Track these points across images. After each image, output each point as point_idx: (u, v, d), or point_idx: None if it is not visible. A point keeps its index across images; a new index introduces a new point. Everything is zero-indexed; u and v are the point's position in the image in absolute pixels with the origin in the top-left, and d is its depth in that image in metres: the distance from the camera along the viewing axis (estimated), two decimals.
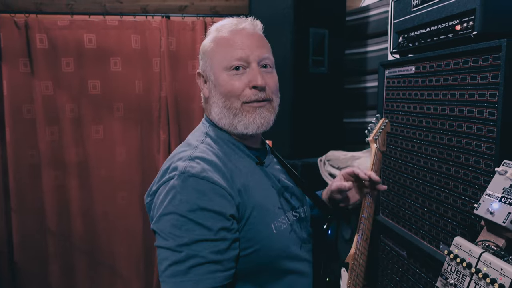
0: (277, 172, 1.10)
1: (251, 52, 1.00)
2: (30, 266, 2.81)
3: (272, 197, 1.02)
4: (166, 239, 0.86)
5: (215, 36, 1.04)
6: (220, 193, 0.88)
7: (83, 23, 2.69)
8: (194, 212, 0.85)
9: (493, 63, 1.08)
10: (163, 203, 0.89)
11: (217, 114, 1.03)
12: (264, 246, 0.95)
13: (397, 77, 1.58)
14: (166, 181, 0.92)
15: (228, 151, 1.01)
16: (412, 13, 1.45)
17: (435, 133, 1.35)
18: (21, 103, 2.70)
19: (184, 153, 0.96)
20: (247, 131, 1.00)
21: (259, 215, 0.94)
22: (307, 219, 1.15)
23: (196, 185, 0.87)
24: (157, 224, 0.89)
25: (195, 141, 1.01)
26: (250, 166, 1.02)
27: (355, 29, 2.62)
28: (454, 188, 1.26)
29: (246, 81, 0.99)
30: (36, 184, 2.77)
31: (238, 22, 1.04)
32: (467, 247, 0.96)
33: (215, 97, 1.03)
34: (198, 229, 0.85)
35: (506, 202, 0.93)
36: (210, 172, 0.90)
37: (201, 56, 1.08)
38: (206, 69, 1.05)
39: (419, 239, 1.46)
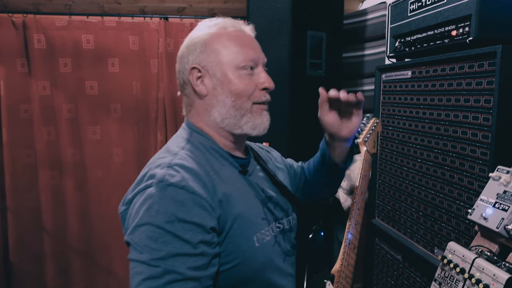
0: (261, 181, 1.05)
1: (259, 55, 1.00)
2: (26, 266, 2.80)
3: (255, 208, 0.97)
4: (141, 252, 0.79)
5: (221, 32, 0.98)
6: (200, 203, 0.83)
7: (81, 24, 2.68)
8: (172, 224, 0.79)
9: (488, 69, 1.08)
10: (138, 213, 0.82)
11: (222, 114, 0.97)
12: (246, 260, 0.90)
13: (393, 81, 1.58)
14: (143, 190, 0.86)
15: (210, 159, 0.96)
16: (408, 17, 1.45)
17: (430, 138, 1.35)
18: (18, 103, 2.69)
19: (163, 160, 0.90)
20: (252, 132, 0.98)
21: (240, 227, 0.90)
22: (292, 229, 1.09)
23: (175, 194, 0.81)
24: (132, 236, 0.82)
25: (175, 147, 0.96)
26: (233, 175, 0.97)
27: (352, 33, 2.63)
28: (449, 193, 1.27)
29: (255, 82, 0.98)
30: (32, 184, 2.75)
31: (241, 23, 1.03)
32: (460, 252, 0.96)
33: (222, 95, 0.97)
34: (175, 242, 0.79)
35: (500, 208, 0.93)
36: (190, 181, 0.84)
37: (196, 50, 0.98)
38: (208, 64, 0.97)
39: (414, 243, 1.47)
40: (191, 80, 0.99)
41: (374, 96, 1.70)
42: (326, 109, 1.08)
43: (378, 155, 1.71)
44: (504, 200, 0.93)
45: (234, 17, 3.16)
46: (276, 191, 1.08)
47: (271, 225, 0.99)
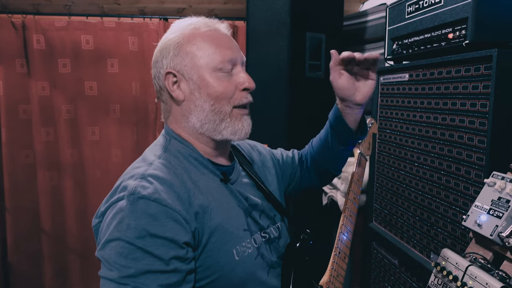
0: (245, 188, 1.00)
1: (238, 54, 0.95)
2: (24, 267, 2.80)
3: (236, 219, 0.92)
4: (110, 269, 0.76)
5: (195, 33, 0.93)
6: (173, 217, 0.79)
7: (80, 24, 2.69)
8: (142, 239, 0.75)
9: (485, 73, 1.06)
10: (109, 228, 0.79)
11: (200, 119, 0.93)
12: (224, 275, 0.86)
13: (391, 83, 1.57)
14: (115, 202, 0.82)
15: (189, 167, 0.91)
16: (406, 20, 1.44)
17: (427, 142, 1.33)
18: (17, 104, 2.70)
19: (137, 170, 0.86)
20: (232, 137, 0.94)
21: (218, 241, 0.85)
22: (281, 236, 1.05)
23: (147, 208, 0.77)
24: (102, 252, 0.78)
25: (151, 156, 0.92)
26: (213, 184, 0.92)
27: (353, 34, 2.61)
28: (445, 198, 1.25)
29: (235, 83, 0.93)
30: (31, 185, 2.76)
31: (215, 21, 0.97)
32: (454, 260, 0.94)
33: (200, 99, 0.92)
34: (146, 258, 0.75)
35: (494, 215, 0.91)
36: (163, 193, 0.80)
37: (170, 53, 0.94)
38: (184, 68, 0.93)
39: (411, 248, 1.45)
40: (167, 86, 0.94)
41: (372, 99, 1.69)
42: (339, 71, 1.05)
43: (376, 158, 1.69)
44: (498, 207, 0.91)
45: (234, 18, 3.16)
46: (262, 198, 1.04)
47: (254, 236, 0.94)
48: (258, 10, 2.38)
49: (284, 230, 1.07)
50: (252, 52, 2.46)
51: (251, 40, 2.46)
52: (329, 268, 0.96)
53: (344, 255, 1.01)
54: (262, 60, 2.37)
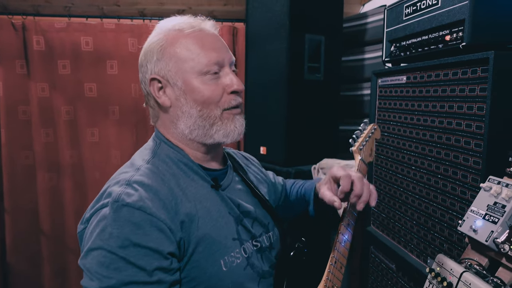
0: (237, 195, 0.97)
1: (225, 55, 0.91)
2: (23, 268, 2.80)
3: (226, 227, 0.88)
4: (92, 279, 0.73)
5: (178, 35, 0.89)
6: (158, 226, 0.76)
7: (80, 26, 2.68)
8: (125, 249, 0.73)
9: (481, 75, 1.05)
10: (92, 236, 0.76)
11: (188, 126, 0.90)
12: (211, 286, 0.83)
13: (389, 86, 1.55)
14: (99, 209, 0.79)
15: (178, 173, 0.88)
16: (404, 22, 1.42)
17: (424, 145, 1.32)
18: (16, 105, 2.70)
19: (124, 176, 0.83)
20: (225, 140, 0.91)
21: (205, 251, 0.82)
22: (273, 246, 1.01)
23: (130, 216, 0.75)
24: (84, 260, 0.76)
25: (139, 161, 0.89)
26: (203, 191, 0.89)
27: (352, 36, 2.60)
28: (442, 202, 1.23)
29: (223, 86, 0.90)
30: (30, 186, 2.76)
31: (201, 21, 0.94)
32: (448, 265, 0.93)
33: (186, 105, 0.89)
34: (129, 269, 0.73)
35: (489, 220, 0.90)
36: (148, 201, 0.77)
37: (154, 58, 0.90)
38: (168, 73, 0.89)
39: (408, 252, 1.43)
40: (152, 92, 0.91)
41: (370, 101, 1.67)
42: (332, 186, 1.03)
43: (374, 161, 1.68)
44: (494, 212, 0.90)
45: (234, 19, 3.14)
46: (256, 204, 1.01)
47: (244, 246, 0.91)
48: (257, 12, 2.37)
49: (277, 238, 1.04)
50: (251, 54, 2.45)
51: (250, 42, 2.46)
52: (324, 279, 0.92)
53: (341, 264, 0.96)
54: (261, 62, 2.36)
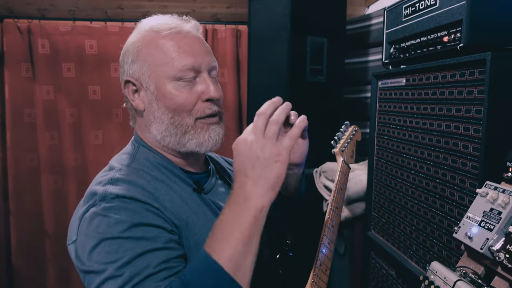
0: (220, 198, 0.94)
1: (202, 60, 0.87)
2: (28, 269, 2.82)
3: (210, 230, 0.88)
4: (102, 272, 0.69)
5: (154, 37, 0.87)
6: (153, 211, 0.75)
7: (84, 29, 2.71)
8: (129, 231, 0.71)
9: (479, 77, 1.02)
10: (88, 237, 0.72)
11: (161, 132, 0.87)
12: None
13: (389, 88, 1.52)
14: (86, 211, 0.77)
15: (159, 177, 0.86)
16: (403, 23, 1.39)
17: (423, 149, 1.29)
18: (22, 107, 2.73)
19: (104, 177, 0.82)
20: (199, 150, 0.88)
21: (196, 251, 0.79)
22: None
23: (124, 204, 0.73)
24: (89, 263, 0.71)
25: (117, 164, 0.87)
26: (185, 194, 0.87)
27: (356, 38, 2.57)
28: (440, 208, 1.20)
29: (198, 93, 0.87)
30: (35, 188, 2.78)
31: (180, 22, 0.90)
32: (442, 274, 0.90)
33: (158, 111, 0.87)
34: (141, 243, 0.69)
35: (485, 227, 0.87)
36: (137, 193, 0.75)
37: (130, 59, 0.89)
38: (142, 76, 0.87)
39: (407, 258, 1.40)
40: (127, 95, 0.90)
41: (370, 104, 1.65)
42: None
43: (374, 165, 1.65)
44: (490, 219, 0.86)
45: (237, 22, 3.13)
46: None
47: None
48: (259, 14, 2.36)
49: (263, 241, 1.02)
50: (254, 56, 2.44)
51: (252, 44, 2.44)
52: (310, 282, 0.91)
53: (326, 267, 0.95)
54: (263, 64, 2.35)
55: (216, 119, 0.90)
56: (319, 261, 0.93)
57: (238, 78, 2.91)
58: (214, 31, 2.82)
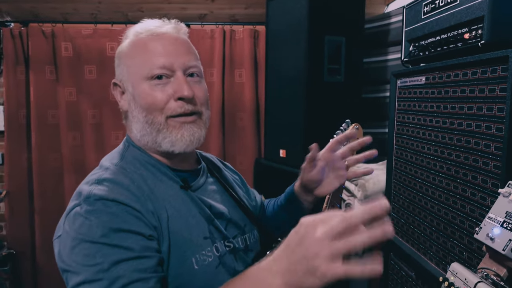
0: (210, 196, 0.95)
1: (175, 59, 0.88)
2: (51, 267, 2.89)
3: (197, 226, 0.87)
4: (79, 273, 0.70)
5: (132, 40, 0.91)
6: (134, 214, 0.76)
7: (105, 32, 2.77)
8: (107, 236, 0.72)
9: (501, 75, 0.99)
10: (69, 235, 0.74)
11: (139, 131, 0.90)
12: (184, 283, 0.82)
13: (408, 87, 1.50)
14: (71, 210, 0.78)
15: (145, 175, 0.87)
16: (422, 20, 1.37)
17: (443, 148, 1.26)
18: (46, 109, 2.81)
19: (93, 176, 0.83)
20: (173, 149, 0.88)
21: (177, 249, 0.81)
22: (250, 248, 0.99)
23: (106, 207, 0.74)
24: (68, 260, 0.73)
25: (107, 163, 0.89)
26: (172, 191, 0.88)
27: (375, 37, 2.54)
28: (461, 208, 1.17)
29: (170, 92, 0.87)
30: (58, 187, 2.86)
31: (160, 25, 0.92)
32: (463, 275, 0.88)
33: (135, 110, 0.89)
34: (116, 251, 0.71)
35: (508, 228, 0.84)
36: (120, 195, 0.77)
37: (116, 63, 0.94)
38: (123, 78, 0.91)
39: (427, 260, 1.37)
40: (115, 96, 0.95)
41: (389, 103, 1.62)
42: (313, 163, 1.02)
43: (394, 165, 1.62)
44: None
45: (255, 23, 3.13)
46: (232, 206, 0.99)
47: (216, 245, 0.89)
48: (277, 15, 2.36)
49: (255, 241, 1.02)
50: (271, 56, 2.44)
51: (270, 44, 2.45)
52: None
53: None
54: (281, 64, 2.35)
55: (191, 118, 0.90)
56: None
57: (256, 79, 2.92)
58: (232, 32, 2.84)
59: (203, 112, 0.93)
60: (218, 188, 1.01)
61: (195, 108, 0.90)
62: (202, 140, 0.92)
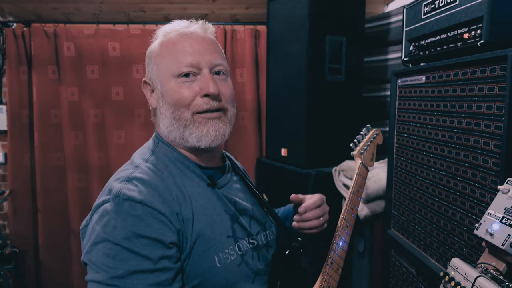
0: (234, 194, 0.98)
1: (202, 58, 0.91)
2: (54, 265, 2.92)
3: (221, 225, 0.89)
4: (98, 271, 0.75)
5: (162, 40, 0.94)
6: (159, 218, 0.79)
7: (107, 32, 2.79)
8: (129, 240, 0.75)
9: (500, 74, 1.01)
10: (95, 230, 0.78)
11: (166, 127, 0.93)
12: (205, 281, 0.84)
13: (408, 86, 1.52)
14: (100, 205, 0.82)
15: (175, 172, 0.90)
16: (422, 20, 1.39)
17: (444, 146, 1.28)
18: (49, 108, 2.83)
19: (123, 173, 0.86)
20: (199, 144, 0.91)
21: (200, 246, 0.84)
22: (270, 245, 1.02)
23: (132, 210, 0.77)
24: (88, 255, 0.77)
25: (138, 159, 0.91)
26: (199, 189, 0.91)
27: (376, 36, 2.56)
28: (461, 205, 1.19)
29: (197, 89, 0.90)
30: (61, 186, 2.88)
31: (188, 25, 0.95)
32: (463, 270, 0.90)
33: (163, 107, 0.93)
34: (134, 258, 0.74)
35: (507, 224, 0.86)
36: (148, 196, 0.80)
37: (147, 62, 0.98)
38: (153, 76, 0.95)
39: (428, 256, 1.40)
40: (145, 94, 0.98)
41: (390, 102, 1.64)
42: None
43: (394, 163, 1.65)
44: (511, 215, 0.86)
45: (256, 22, 3.14)
46: (254, 203, 1.02)
47: (238, 243, 0.92)
48: (278, 15, 2.38)
49: (274, 237, 1.05)
50: (273, 56, 2.46)
51: (271, 44, 2.47)
52: (320, 279, 0.93)
53: (337, 266, 0.97)
54: (282, 63, 2.37)
55: (216, 114, 0.92)
56: (331, 259, 0.95)
57: (257, 78, 2.94)
58: (233, 32, 2.86)
59: (228, 109, 0.95)
60: (241, 186, 1.04)
61: (220, 105, 0.92)
62: (227, 136, 0.95)
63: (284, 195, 2.55)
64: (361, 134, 1.19)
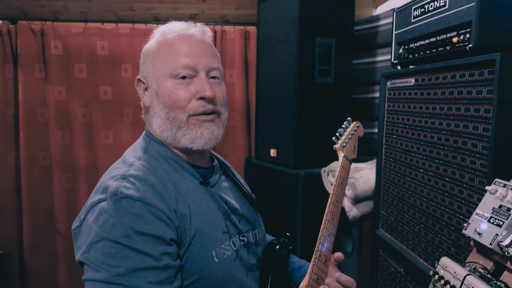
0: (225, 192, 1.00)
1: (199, 60, 0.92)
2: (39, 267, 2.86)
3: (216, 221, 0.91)
4: (98, 270, 0.74)
5: (160, 40, 0.95)
6: (157, 215, 0.79)
7: (96, 31, 2.75)
8: (129, 238, 0.75)
9: (488, 77, 1.04)
10: (92, 230, 0.77)
11: (159, 126, 0.93)
12: (204, 276, 0.85)
13: (398, 88, 1.55)
14: (96, 204, 0.81)
15: (169, 170, 0.91)
16: (412, 24, 1.42)
17: (432, 148, 1.31)
18: (35, 107, 2.77)
19: (118, 171, 0.86)
20: (192, 146, 0.92)
21: (198, 242, 0.85)
22: (259, 243, 1.04)
23: (130, 207, 0.77)
24: (86, 255, 0.76)
25: (131, 158, 0.91)
26: (193, 186, 0.92)
27: (364, 39, 2.59)
28: (449, 205, 1.22)
29: (193, 92, 0.91)
30: (47, 186, 2.83)
31: (187, 27, 0.96)
32: (452, 268, 0.92)
33: (158, 107, 0.93)
34: (136, 256, 0.74)
35: (494, 223, 0.89)
36: (145, 193, 0.80)
37: (142, 60, 0.98)
38: (148, 75, 0.95)
39: (416, 256, 1.42)
40: (138, 92, 0.98)
41: (379, 104, 1.67)
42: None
43: (383, 164, 1.67)
44: (499, 215, 0.89)
45: (246, 23, 3.16)
46: (243, 203, 1.04)
47: (232, 239, 0.94)
48: (268, 16, 2.39)
49: (263, 236, 1.07)
50: (263, 57, 2.47)
51: (261, 45, 2.48)
52: (309, 272, 0.96)
53: (325, 258, 0.99)
54: (272, 65, 2.38)
55: (211, 117, 0.93)
56: (319, 252, 0.98)
57: (247, 79, 2.94)
58: (223, 32, 2.86)
59: (222, 112, 0.96)
60: (230, 185, 1.05)
61: (215, 108, 0.93)
62: (220, 139, 0.96)
63: (273, 196, 2.56)
64: (342, 127, 1.20)
